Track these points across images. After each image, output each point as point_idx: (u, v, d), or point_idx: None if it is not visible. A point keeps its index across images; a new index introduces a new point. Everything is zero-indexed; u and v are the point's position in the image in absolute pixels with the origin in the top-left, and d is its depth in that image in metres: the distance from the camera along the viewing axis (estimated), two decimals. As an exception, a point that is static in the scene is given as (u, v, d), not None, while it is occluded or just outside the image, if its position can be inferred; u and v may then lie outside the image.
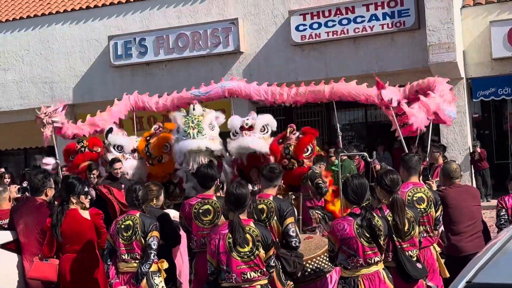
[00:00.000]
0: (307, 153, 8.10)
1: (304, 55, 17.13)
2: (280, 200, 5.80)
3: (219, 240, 4.82)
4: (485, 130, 17.42)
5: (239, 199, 4.89)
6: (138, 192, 5.67)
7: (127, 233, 5.49)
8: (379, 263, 4.92)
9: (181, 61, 18.21)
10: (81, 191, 5.98)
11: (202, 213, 5.79)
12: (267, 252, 4.84)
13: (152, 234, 5.51)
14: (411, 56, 16.03)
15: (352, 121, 19.72)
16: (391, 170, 5.50)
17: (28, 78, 19.93)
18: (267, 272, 4.86)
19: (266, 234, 4.90)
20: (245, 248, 4.78)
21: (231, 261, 4.77)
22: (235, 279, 4.77)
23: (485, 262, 2.67)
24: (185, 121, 8.39)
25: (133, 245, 5.48)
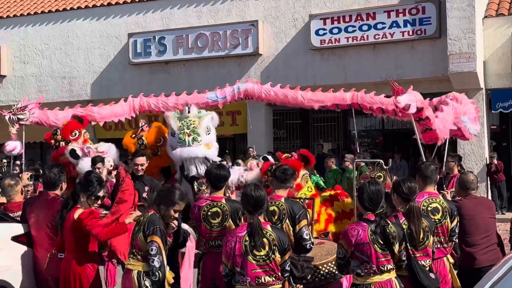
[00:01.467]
0: None
1: (323, 60, 17.07)
2: (292, 203, 5.77)
3: (236, 242, 4.79)
4: (502, 142, 17.25)
5: (257, 201, 4.86)
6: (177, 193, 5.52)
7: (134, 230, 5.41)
8: (391, 271, 4.89)
9: (200, 61, 18.23)
10: (95, 193, 5.75)
11: (211, 216, 5.77)
12: (283, 256, 4.81)
13: (151, 238, 5.24)
14: (431, 64, 15.92)
15: (368, 128, 19.62)
16: (408, 178, 5.45)
17: (47, 73, 20.06)
18: (282, 276, 4.82)
19: (283, 238, 4.87)
20: (261, 251, 4.75)
21: (247, 264, 4.74)
22: (249, 282, 4.74)
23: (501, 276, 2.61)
24: (180, 126, 8.11)
25: (134, 244, 5.34)
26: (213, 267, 5.78)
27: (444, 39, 15.54)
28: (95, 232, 5.55)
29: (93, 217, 5.63)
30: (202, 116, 8.33)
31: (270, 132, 18.70)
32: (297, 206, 5.72)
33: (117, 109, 9.91)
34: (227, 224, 5.74)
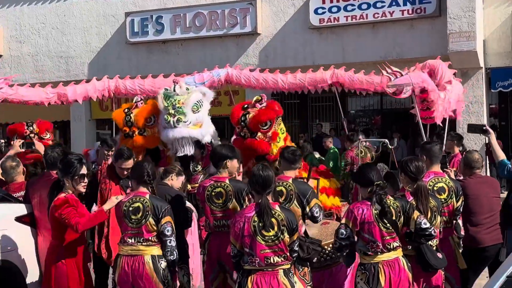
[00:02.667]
0: (264, 127, 7.22)
1: (322, 39, 16.98)
2: (300, 183, 5.77)
3: (244, 223, 4.77)
4: (501, 121, 17.25)
5: (266, 181, 4.83)
6: (148, 167, 5.48)
7: (135, 216, 5.30)
8: (398, 248, 4.89)
9: (197, 41, 18.11)
10: (76, 172, 5.48)
11: (215, 196, 5.78)
12: (292, 236, 4.79)
13: (165, 220, 5.31)
14: (430, 43, 15.84)
15: (366, 107, 19.59)
16: (415, 158, 5.44)
17: (43, 52, 19.91)
18: (290, 257, 4.81)
19: (292, 218, 4.84)
20: (270, 232, 4.73)
21: (255, 244, 4.72)
22: (258, 263, 4.72)
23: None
24: (165, 106, 7.66)
25: (142, 229, 5.29)
26: (218, 247, 5.79)
27: (444, 17, 15.46)
28: (73, 222, 5.29)
29: (68, 206, 5.35)
30: (190, 93, 7.79)
31: (268, 112, 18.60)
32: (305, 187, 5.72)
33: (89, 88, 9.59)
34: (230, 204, 5.74)
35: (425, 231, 4.92)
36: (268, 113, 7.31)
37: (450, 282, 5.66)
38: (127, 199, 5.37)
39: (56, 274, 5.45)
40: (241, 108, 7.53)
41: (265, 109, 7.39)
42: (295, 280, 4.85)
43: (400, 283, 4.84)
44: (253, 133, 7.26)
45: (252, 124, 7.24)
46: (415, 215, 4.90)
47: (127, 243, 5.32)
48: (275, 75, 9.47)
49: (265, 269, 4.73)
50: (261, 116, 7.27)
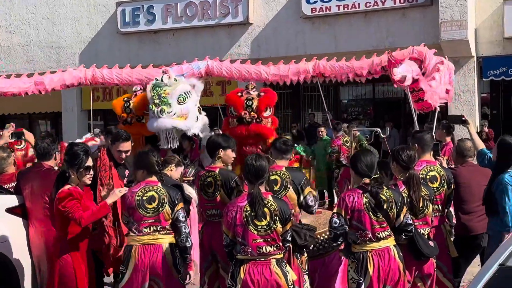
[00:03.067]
0: (267, 113, 7.39)
1: (314, 28, 16.95)
2: (294, 171, 5.79)
3: (236, 212, 4.76)
4: (493, 110, 17.31)
5: (259, 171, 4.82)
6: (156, 156, 5.42)
7: (151, 205, 5.23)
8: (388, 237, 4.88)
9: (189, 30, 18.05)
10: (82, 164, 5.42)
11: (206, 185, 5.82)
12: (284, 226, 4.79)
13: (179, 206, 5.30)
14: (422, 32, 15.84)
15: (358, 97, 19.60)
16: (407, 146, 5.44)
17: (34, 42, 19.79)
18: (283, 246, 4.81)
19: (285, 208, 4.83)
20: (262, 221, 4.72)
21: (248, 234, 4.71)
22: (250, 252, 4.72)
23: (520, 246, 2.60)
24: (152, 95, 7.53)
25: (160, 218, 5.23)
26: (210, 237, 5.81)
27: (435, 6, 15.46)
28: (76, 216, 5.21)
29: (72, 199, 5.27)
30: (177, 84, 7.62)
31: (261, 102, 18.60)
32: (299, 175, 5.75)
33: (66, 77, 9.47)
34: (218, 194, 5.76)
35: (408, 227, 4.93)
36: (273, 98, 7.55)
37: (441, 270, 5.68)
38: (138, 189, 5.28)
39: (61, 266, 5.39)
40: (238, 95, 7.55)
41: (269, 94, 7.56)
42: (288, 270, 4.85)
43: (390, 272, 4.83)
44: (259, 117, 7.39)
45: (261, 108, 7.39)
46: (404, 211, 4.91)
47: (143, 233, 5.22)
48: (257, 67, 9.41)
49: (257, 259, 4.73)
50: (269, 100, 7.48)
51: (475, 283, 2.37)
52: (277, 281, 4.70)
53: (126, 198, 5.31)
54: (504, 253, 2.49)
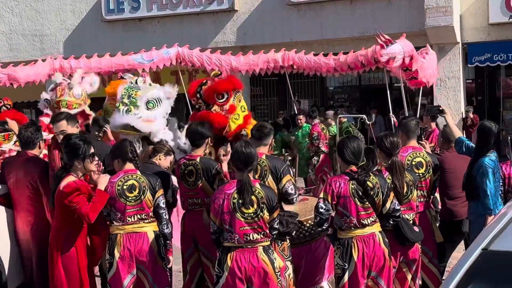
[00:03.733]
0: (220, 99, 6.82)
1: (300, 15, 16.91)
2: (274, 159, 5.73)
3: (224, 199, 4.75)
4: (478, 96, 17.41)
5: (248, 158, 4.81)
6: (130, 145, 5.42)
7: (132, 194, 5.21)
8: (373, 224, 4.90)
9: (174, 18, 17.95)
10: (87, 153, 5.35)
11: (187, 174, 5.75)
12: (271, 214, 4.79)
13: (159, 192, 5.32)
14: (408, 19, 15.87)
15: (345, 84, 19.62)
16: (391, 133, 5.46)
17: (17, 30, 19.59)
18: (270, 234, 4.82)
19: (272, 196, 4.83)
20: (249, 209, 4.71)
21: (235, 221, 4.71)
22: (237, 239, 4.72)
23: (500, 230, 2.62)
24: (122, 94, 7.24)
25: (143, 205, 5.23)
26: (192, 225, 5.77)
27: (421, -7, 15.48)
28: (84, 212, 5.10)
29: (79, 193, 5.16)
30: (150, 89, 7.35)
31: (247, 90, 18.57)
32: (279, 162, 5.67)
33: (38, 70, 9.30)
34: (200, 182, 5.70)
35: (395, 213, 4.95)
36: (225, 84, 6.95)
37: (427, 255, 5.72)
38: (117, 179, 5.25)
39: (65, 257, 5.30)
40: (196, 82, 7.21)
41: (222, 80, 7.07)
42: (275, 257, 4.87)
43: (375, 258, 4.86)
44: (209, 105, 6.87)
45: (207, 94, 6.88)
46: (391, 197, 4.92)
47: (128, 222, 5.20)
48: (227, 56, 9.44)
49: (244, 246, 4.73)
50: (217, 86, 6.91)
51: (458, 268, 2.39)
52: (264, 268, 4.72)
53: (106, 189, 5.25)
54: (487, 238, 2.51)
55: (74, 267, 5.32)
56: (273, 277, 4.74)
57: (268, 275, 4.72)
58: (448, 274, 2.51)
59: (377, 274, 4.92)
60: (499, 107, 17.39)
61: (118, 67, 8.94)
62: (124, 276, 5.21)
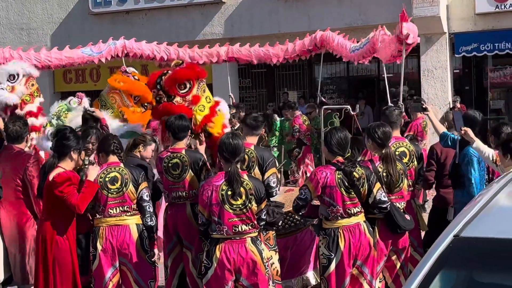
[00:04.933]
0: (183, 90, 6.55)
1: (287, 7, 16.89)
2: (262, 150, 5.77)
3: (212, 191, 4.78)
4: (465, 85, 17.47)
5: (235, 149, 4.85)
6: (113, 138, 5.46)
7: (114, 186, 5.24)
8: (359, 214, 4.96)
9: (162, 10, 17.86)
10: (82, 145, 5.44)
11: (172, 167, 5.71)
12: (259, 205, 4.83)
13: (143, 185, 5.33)
14: (394, 9, 15.81)
15: (333, 75, 19.64)
16: (382, 123, 5.50)
17: (4, 24, 19.45)
18: (258, 225, 4.86)
19: (260, 187, 4.88)
20: (238, 201, 4.75)
21: (223, 213, 4.74)
22: (226, 231, 4.75)
23: (472, 217, 2.68)
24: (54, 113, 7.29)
25: (125, 197, 5.26)
26: (175, 219, 5.77)
27: (407, -17, 15.49)
28: (74, 202, 5.10)
29: (70, 184, 5.16)
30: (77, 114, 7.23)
31: (236, 82, 18.58)
32: (267, 154, 5.72)
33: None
34: (186, 175, 5.67)
35: (382, 204, 5.00)
36: (186, 72, 6.67)
37: (412, 244, 5.78)
38: (100, 171, 5.27)
39: (57, 250, 5.28)
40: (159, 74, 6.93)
41: (183, 68, 6.82)
42: (263, 247, 4.92)
43: (361, 247, 4.93)
44: (170, 96, 6.63)
45: (168, 84, 6.61)
46: (376, 187, 4.97)
47: (110, 215, 5.23)
48: (176, 48, 9.46)
49: (233, 238, 4.77)
50: (177, 75, 6.64)
51: (430, 254, 2.43)
52: (253, 258, 4.77)
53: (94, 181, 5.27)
54: (459, 224, 2.56)
55: (67, 259, 5.33)
56: (261, 267, 4.79)
57: (257, 265, 4.77)
58: (421, 260, 2.56)
59: (362, 262, 5.00)
60: (486, 97, 17.47)
61: (69, 61, 8.86)
62: (106, 269, 5.24)
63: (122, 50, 9.23)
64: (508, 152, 5.10)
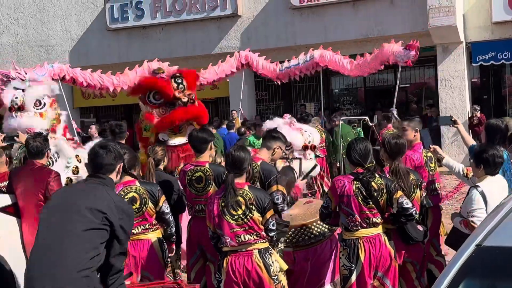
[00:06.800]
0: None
1: (303, 19, 16.96)
2: (267, 166, 5.74)
3: (213, 204, 4.82)
4: (483, 94, 17.38)
5: (235, 161, 4.86)
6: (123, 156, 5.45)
7: (134, 206, 5.17)
8: (378, 225, 4.93)
9: (178, 25, 18.02)
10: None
11: (195, 180, 5.77)
12: (264, 215, 4.79)
13: (162, 199, 5.34)
14: (411, 19, 15.88)
15: (349, 86, 19.64)
16: (398, 136, 5.50)
17: (23, 41, 19.74)
18: (265, 235, 4.82)
19: (262, 197, 4.84)
20: (238, 211, 4.75)
21: (224, 223, 4.75)
22: (229, 242, 4.75)
23: (495, 226, 2.66)
24: None
25: (145, 216, 5.27)
26: (198, 232, 5.78)
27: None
28: None
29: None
30: None
31: (253, 94, 18.64)
32: (270, 171, 5.68)
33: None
34: (210, 188, 5.71)
35: (406, 211, 4.97)
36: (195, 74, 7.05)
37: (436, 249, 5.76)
38: (117, 192, 5.18)
39: None
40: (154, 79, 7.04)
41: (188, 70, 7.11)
42: (272, 261, 4.82)
43: (381, 259, 4.90)
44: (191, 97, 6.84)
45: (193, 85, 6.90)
46: (398, 195, 4.94)
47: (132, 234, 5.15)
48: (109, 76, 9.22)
49: (239, 250, 4.76)
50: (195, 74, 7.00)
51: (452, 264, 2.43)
52: (258, 272, 4.73)
53: None
54: (481, 234, 2.55)
55: None
56: (267, 281, 4.74)
57: (262, 280, 4.73)
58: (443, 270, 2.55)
59: (383, 274, 4.96)
60: (505, 105, 17.35)
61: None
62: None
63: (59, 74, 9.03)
64: (480, 163, 5.17)
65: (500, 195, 5.03)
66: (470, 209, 5.04)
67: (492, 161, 5.15)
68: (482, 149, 5.32)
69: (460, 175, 5.77)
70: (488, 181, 5.14)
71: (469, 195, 5.09)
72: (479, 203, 5.00)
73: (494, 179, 5.19)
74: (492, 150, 5.22)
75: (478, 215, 4.96)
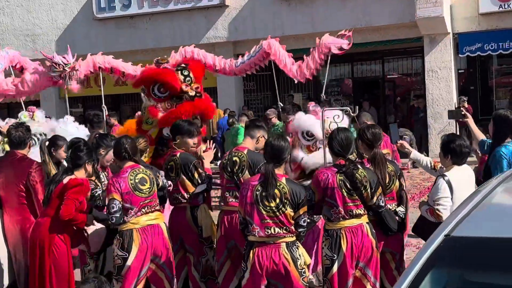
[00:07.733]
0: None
1: (291, 10, 16.92)
2: (254, 155, 5.75)
3: (248, 190, 4.73)
4: (470, 85, 17.44)
5: (275, 151, 4.78)
6: (125, 144, 5.44)
7: (145, 186, 5.32)
8: (361, 216, 4.92)
9: (165, 14, 17.94)
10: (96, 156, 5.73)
11: (169, 169, 5.82)
12: (297, 211, 4.71)
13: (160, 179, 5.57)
14: (398, 10, 15.88)
15: (337, 77, 19.64)
16: (373, 125, 5.49)
17: (9, 30, 19.58)
18: (295, 230, 4.74)
19: (298, 191, 4.73)
20: (272, 203, 4.66)
21: (256, 213, 4.66)
22: (258, 232, 4.66)
23: (464, 216, 2.67)
24: None
25: (154, 197, 5.40)
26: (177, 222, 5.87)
27: (410, -16, 15.49)
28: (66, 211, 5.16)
29: (79, 191, 5.25)
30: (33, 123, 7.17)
31: (240, 85, 18.61)
32: (259, 159, 5.66)
33: None
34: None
35: (379, 208, 5.02)
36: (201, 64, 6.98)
37: None
38: (127, 174, 5.31)
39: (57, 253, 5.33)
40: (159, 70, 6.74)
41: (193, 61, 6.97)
42: (299, 254, 4.75)
43: (363, 249, 4.89)
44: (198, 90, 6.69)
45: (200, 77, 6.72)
46: (378, 192, 4.96)
47: (142, 214, 5.30)
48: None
49: (267, 242, 4.68)
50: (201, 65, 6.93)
51: (421, 254, 2.43)
52: (286, 265, 4.66)
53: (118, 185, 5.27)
54: (450, 224, 2.56)
55: (64, 263, 5.37)
56: (295, 275, 4.68)
57: (290, 273, 4.67)
58: (411, 260, 2.56)
59: (365, 264, 4.95)
60: (492, 96, 17.43)
61: None
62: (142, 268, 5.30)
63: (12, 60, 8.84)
64: (448, 153, 5.22)
65: (467, 185, 5.12)
66: (436, 197, 5.08)
67: (459, 151, 5.19)
68: (450, 139, 5.35)
69: (427, 168, 5.79)
70: (455, 170, 5.19)
71: (436, 184, 5.15)
72: (445, 192, 5.05)
73: (461, 169, 5.24)
74: (460, 140, 5.27)
75: (443, 204, 5.03)
